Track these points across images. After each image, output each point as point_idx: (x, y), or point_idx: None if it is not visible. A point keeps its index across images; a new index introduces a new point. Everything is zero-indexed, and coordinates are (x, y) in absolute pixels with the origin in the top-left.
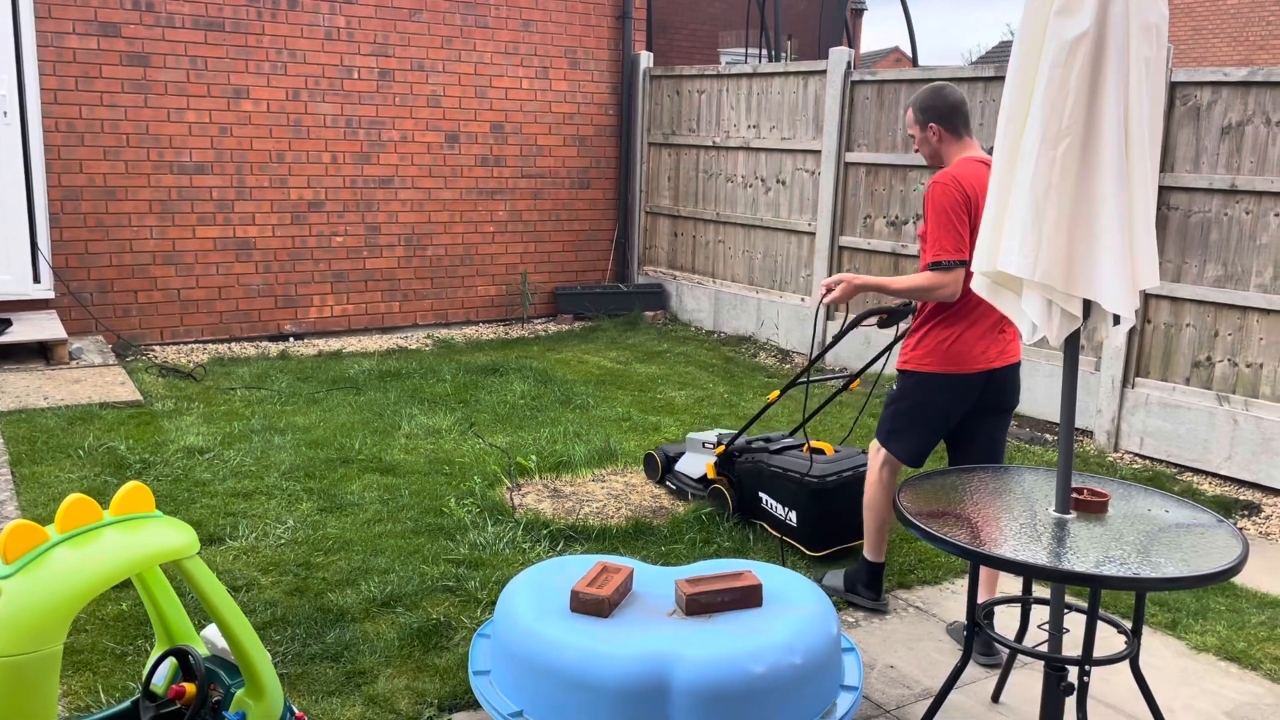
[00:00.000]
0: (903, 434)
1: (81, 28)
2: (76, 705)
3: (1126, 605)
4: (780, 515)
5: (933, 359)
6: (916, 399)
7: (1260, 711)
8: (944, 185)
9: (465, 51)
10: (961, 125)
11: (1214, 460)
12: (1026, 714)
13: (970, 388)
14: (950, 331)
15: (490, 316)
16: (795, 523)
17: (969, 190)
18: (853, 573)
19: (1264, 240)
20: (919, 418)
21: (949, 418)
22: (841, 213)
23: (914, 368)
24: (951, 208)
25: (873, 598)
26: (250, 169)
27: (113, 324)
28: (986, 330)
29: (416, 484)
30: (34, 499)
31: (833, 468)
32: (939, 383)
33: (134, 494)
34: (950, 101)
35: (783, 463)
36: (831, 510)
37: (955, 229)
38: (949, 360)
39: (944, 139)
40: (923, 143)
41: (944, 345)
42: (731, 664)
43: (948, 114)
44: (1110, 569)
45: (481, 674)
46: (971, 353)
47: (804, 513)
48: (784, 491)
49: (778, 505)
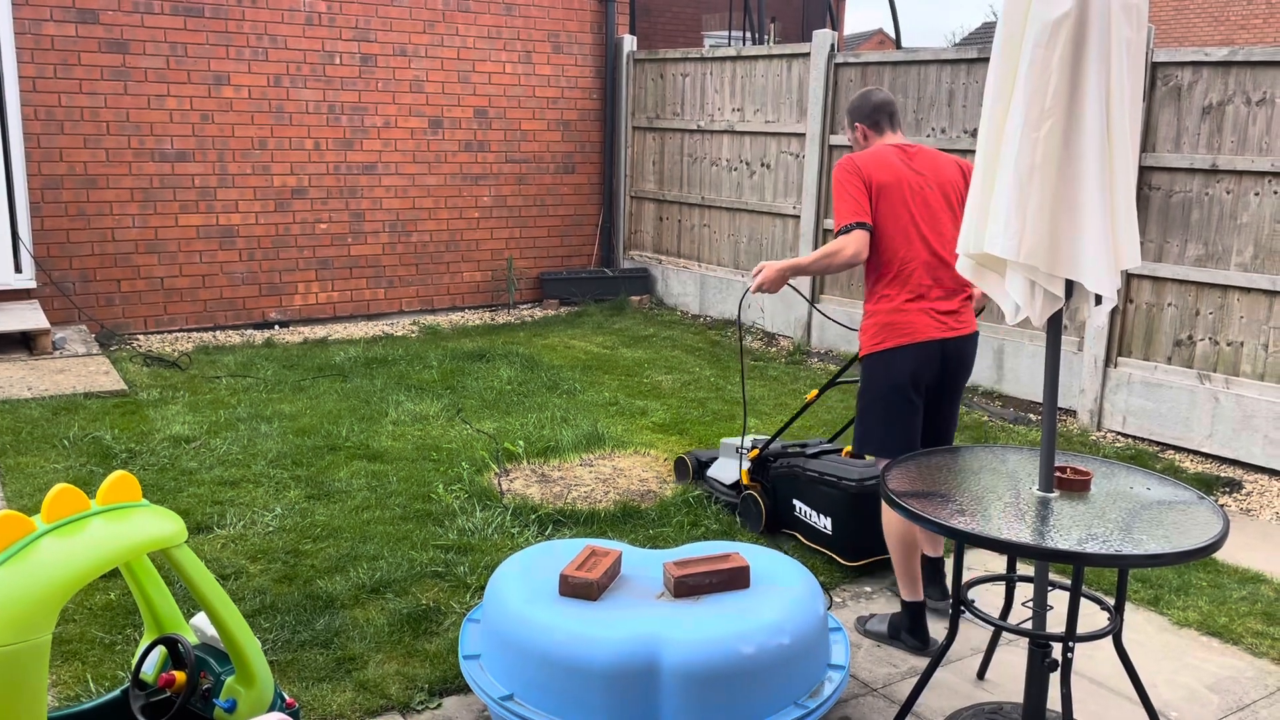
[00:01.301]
0: (878, 431)
1: (59, 14)
2: (66, 695)
3: (1109, 582)
4: (816, 524)
5: (884, 335)
6: (880, 384)
7: (1241, 685)
8: (840, 166)
9: (448, 36)
10: (884, 122)
11: (1195, 438)
12: (1011, 690)
13: (929, 357)
14: (889, 304)
15: (476, 302)
16: (831, 531)
17: (861, 165)
18: (895, 619)
19: (1244, 219)
20: (890, 404)
21: (917, 393)
22: (826, 195)
23: (869, 350)
24: (845, 180)
25: (918, 645)
26: (232, 156)
27: (96, 313)
28: (927, 300)
29: (404, 470)
30: (19, 490)
31: (873, 472)
32: (898, 357)
33: (120, 483)
34: (873, 102)
35: (820, 467)
36: (871, 517)
37: (851, 197)
38: (900, 332)
39: (869, 136)
40: (854, 142)
41: (889, 319)
42: (720, 645)
43: (870, 113)
44: (1093, 546)
45: (472, 658)
46: (918, 322)
47: (841, 520)
48: (821, 498)
49: (813, 513)
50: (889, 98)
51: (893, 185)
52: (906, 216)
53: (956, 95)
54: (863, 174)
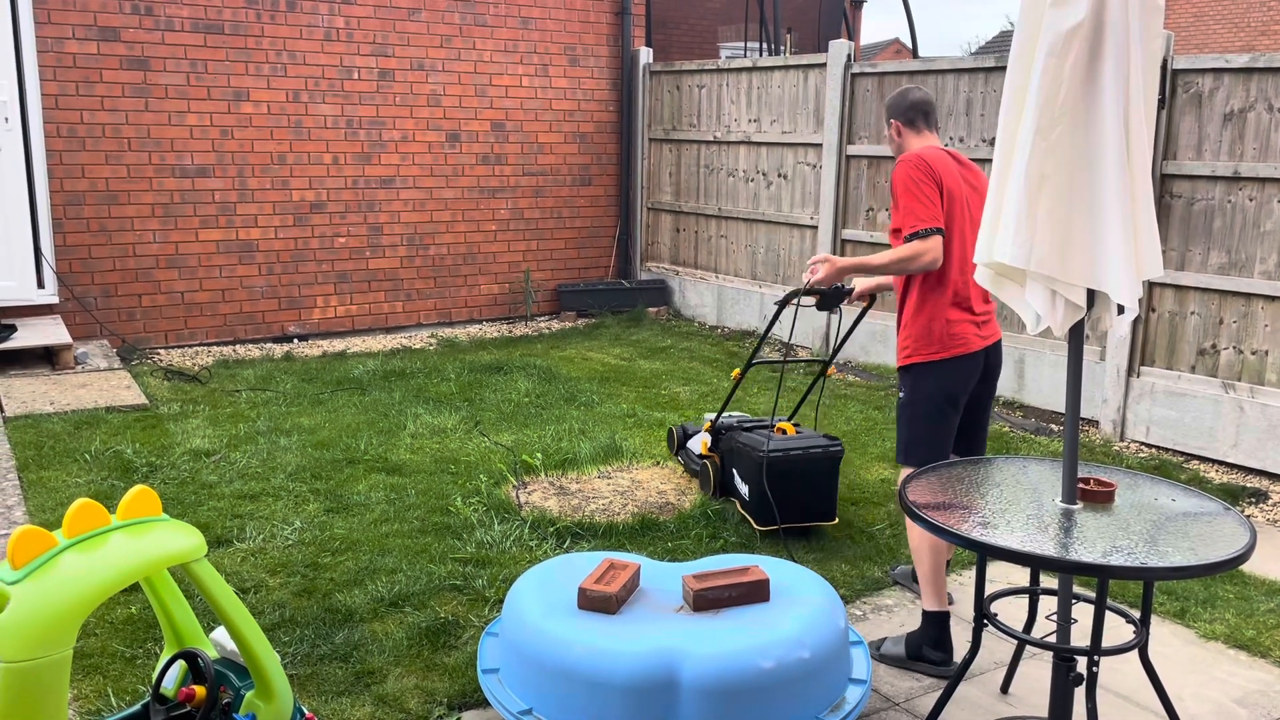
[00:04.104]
0: (927, 441)
1: (81, 32)
2: (87, 709)
3: (1134, 595)
4: (741, 491)
5: (937, 345)
6: (933, 394)
7: (1270, 698)
8: (908, 161)
9: (465, 50)
10: (919, 120)
11: (1220, 448)
12: (1035, 705)
13: (976, 368)
14: (940, 314)
15: (494, 315)
16: (748, 497)
17: (933, 164)
18: (915, 636)
19: (1268, 227)
20: (936, 415)
21: (958, 405)
22: (844, 206)
23: (922, 359)
24: (919, 179)
25: (941, 658)
26: (252, 171)
27: (117, 328)
28: (970, 311)
29: (423, 483)
30: (41, 504)
31: (784, 444)
32: (950, 367)
33: (141, 498)
34: (910, 100)
35: (746, 439)
36: (780, 486)
37: (927, 197)
38: (954, 343)
39: (903, 134)
40: (889, 140)
41: (944, 329)
42: (740, 659)
43: (905, 110)
44: (1118, 559)
45: (490, 672)
46: (968, 333)
47: (755, 487)
48: (743, 467)
49: (740, 481)
50: (927, 97)
51: (955, 192)
52: (960, 226)
53: (975, 104)
54: (935, 175)
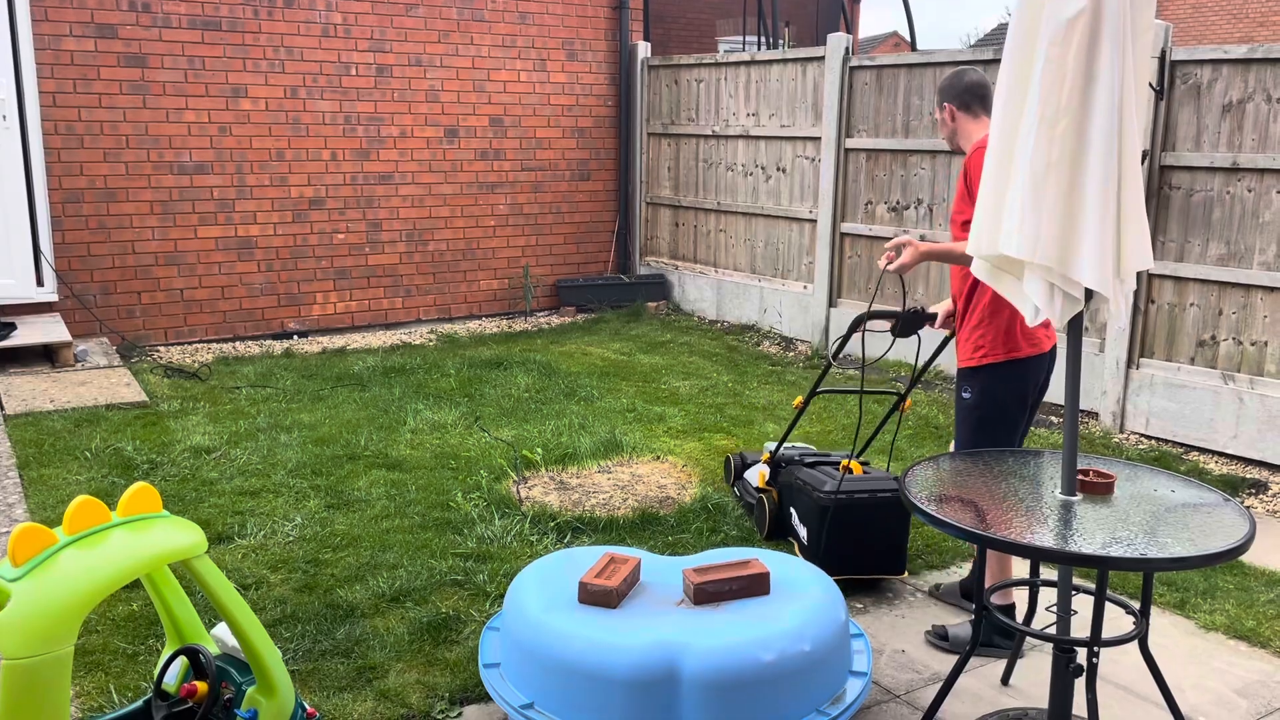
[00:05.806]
0: (989, 444)
1: (79, 30)
2: (89, 705)
3: (1134, 586)
4: (800, 533)
5: (1013, 343)
6: (998, 396)
7: (1270, 689)
8: (983, 153)
9: (462, 45)
10: (975, 104)
11: (1220, 439)
12: (1036, 696)
13: (1041, 368)
14: (1007, 311)
15: (493, 310)
16: (807, 541)
17: None
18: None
19: (1266, 218)
20: (1003, 418)
21: (1026, 405)
22: (843, 199)
23: (990, 360)
24: None
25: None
26: (250, 168)
27: (117, 325)
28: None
29: (423, 479)
30: (42, 501)
31: (851, 485)
32: (1025, 367)
33: (141, 494)
34: (965, 82)
35: (806, 476)
36: (842, 533)
37: None
38: (1030, 341)
39: (957, 118)
40: (941, 123)
41: (1009, 328)
42: (740, 652)
43: (960, 93)
44: (1117, 550)
45: (492, 666)
46: (1039, 332)
47: (813, 530)
48: (803, 507)
49: (799, 522)
50: (983, 79)
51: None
52: None
53: None
54: None
